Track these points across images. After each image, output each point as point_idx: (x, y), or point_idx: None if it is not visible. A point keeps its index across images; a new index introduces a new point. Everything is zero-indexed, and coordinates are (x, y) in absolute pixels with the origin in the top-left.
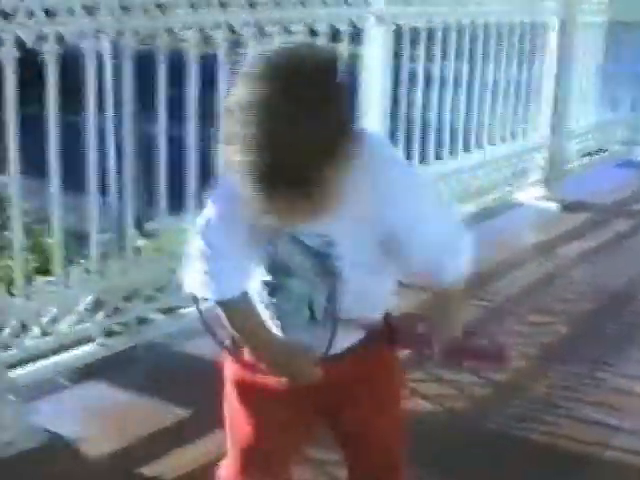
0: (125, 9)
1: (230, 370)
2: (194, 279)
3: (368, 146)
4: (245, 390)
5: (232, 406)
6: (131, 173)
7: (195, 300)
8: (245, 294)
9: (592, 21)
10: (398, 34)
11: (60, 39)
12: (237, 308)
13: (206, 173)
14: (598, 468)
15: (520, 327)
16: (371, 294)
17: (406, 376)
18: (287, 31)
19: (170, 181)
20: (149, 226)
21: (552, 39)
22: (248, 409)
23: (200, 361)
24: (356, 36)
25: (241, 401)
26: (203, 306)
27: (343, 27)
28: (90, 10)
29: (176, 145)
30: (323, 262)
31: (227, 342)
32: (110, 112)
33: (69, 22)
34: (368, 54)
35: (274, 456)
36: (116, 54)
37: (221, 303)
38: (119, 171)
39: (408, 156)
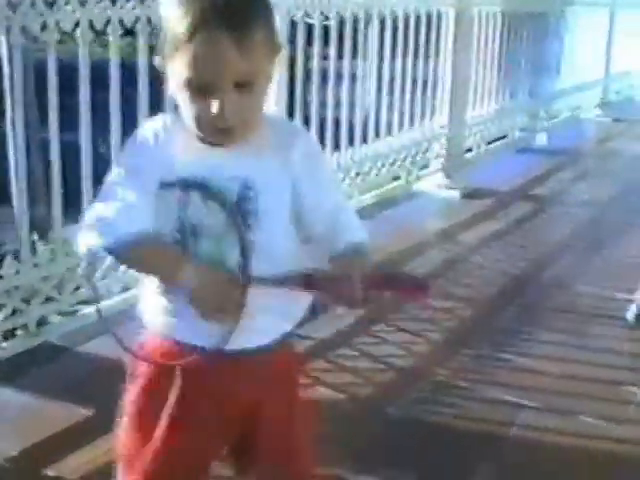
0: (12, 5)
1: (141, 372)
2: (90, 227)
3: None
4: (157, 398)
5: (137, 414)
6: (25, 178)
7: (94, 289)
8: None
9: (487, 11)
10: (293, 31)
11: None
12: (137, 247)
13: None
14: (505, 446)
15: (423, 313)
16: (283, 252)
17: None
18: None
19: (69, 187)
20: (49, 233)
21: (449, 29)
22: (158, 421)
23: (100, 361)
24: None
25: (151, 412)
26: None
27: None
28: None
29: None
30: (236, 213)
31: (126, 340)
32: (8, 115)
33: None
34: None
35: (183, 467)
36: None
37: (117, 244)
38: (16, 175)
39: None
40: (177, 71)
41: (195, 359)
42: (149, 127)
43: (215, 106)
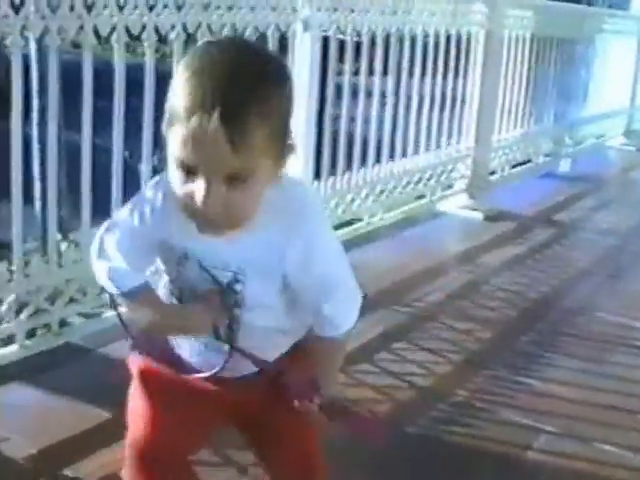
0: (51, 6)
1: (137, 364)
2: (102, 269)
3: (294, 186)
4: (151, 383)
5: (135, 400)
6: (55, 179)
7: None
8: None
9: (517, 34)
10: (325, 47)
11: None
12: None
13: (131, 184)
14: (521, 469)
15: (443, 333)
16: (269, 334)
17: None
18: (214, 35)
19: (96, 191)
20: (73, 235)
21: (478, 51)
22: (151, 402)
23: (121, 364)
24: (283, 47)
25: (146, 394)
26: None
27: (269, 32)
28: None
29: (103, 154)
30: (228, 295)
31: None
32: (36, 117)
33: None
34: (295, 63)
35: (173, 452)
36: (41, 56)
37: (123, 294)
38: (43, 178)
39: (333, 164)
40: (171, 145)
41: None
42: (154, 197)
43: (200, 192)
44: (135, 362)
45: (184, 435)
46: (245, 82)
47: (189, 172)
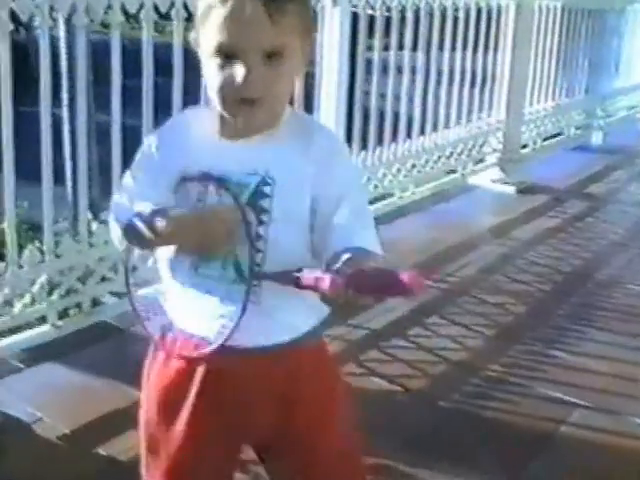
0: None
1: (168, 369)
2: (115, 214)
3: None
4: (178, 389)
5: (160, 418)
6: (85, 160)
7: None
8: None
9: (548, 6)
10: (354, 22)
11: (13, 17)
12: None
13: None
14: (554, 443)
15: (476, 307)
16: (295, 251)
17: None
18: None
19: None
20: (104, 215)
21: (508, 23)
22: (180, 418)
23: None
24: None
25: (174, 410)
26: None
27: None
28: None
29: (133, 134)
30: (246, 208)
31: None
32: (65, 98)
33: None
34: (325, 39)
35: (206, 463)
36: (70, 38)
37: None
38: (74, 159)
39: (364, 140)
40: (207, 38)
41: (212, 353)
42: (173, 122)
43: (241, 72)
44: (152, 376)
45: (219, 449)
46: None
47: (228, 58)
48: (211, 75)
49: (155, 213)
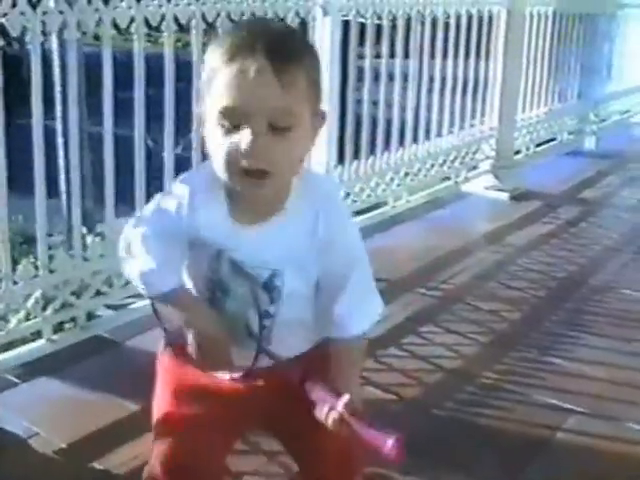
0: (69, 1)
1: (170, 365)
2: (132, 270)
3: (316, 175)
4: (185, 386)
5: (165, 408)
6: (78, 172)
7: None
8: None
9: (539, 11)
10: (345, 31)
11: (3, 33)
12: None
13: (154, 174)
14: (550, 450)
15: (471, 314)
16: (299, 328)
17: None
18: (233, 23)
19: (121, 182)
20: (99, 227)
21: (500, 30)
22: (186, 406)
23: (149, 356)
24: (303, 33)
25: (178, 398)
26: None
27: (289, 18)
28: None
29: (127, 145)
30: (259, 294)
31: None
32: (58, 110)
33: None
34: (316, 48)
35: (206, 460)
36: (63, 50)
37: (156, 297)
38: (67, 171)
39: (357, 149)
40: (212, 104)
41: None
42: (182, 192)
43: (247, 138)
44: (166, 368)
45: (214, 445)
46: (281, 32)
47: (233, 123)
48: (216, 144)
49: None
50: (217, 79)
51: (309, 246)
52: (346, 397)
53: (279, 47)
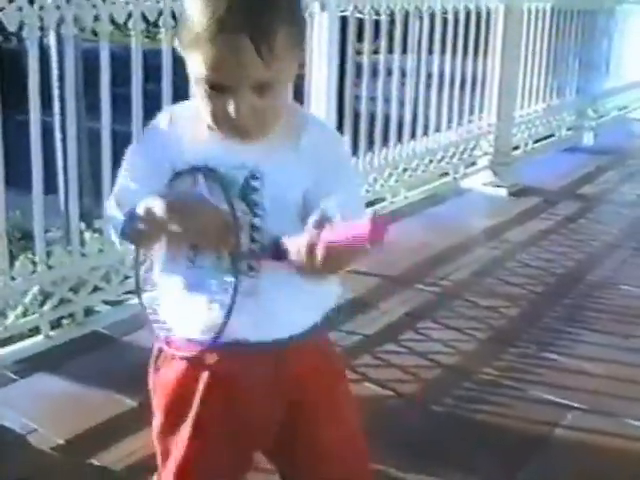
0: None
1: (173, 374)
2: (111, 199)
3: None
4: (183, 396)
5: (174, 415)
6: (76, 168)
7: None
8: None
9: (537, 7)
10: (343, 26)
11: (1, 28)
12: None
13: None
14: (548, 446)
15: (469, 311)
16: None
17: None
18: None
19: (115, 176)
20: (97, 223)
21: (498, 25)
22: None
23: (147, 351)
24: None
25: (185, 408)
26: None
27: None
28: None
29: (125, 141)
30: (234, 199)
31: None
32: (56, 106)
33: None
34: (314, 44)
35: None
36: (61, 46)
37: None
38: (65, 167)
39: (355, 145)
40: (195, 67)
41: (212, 351)
42: (161, 118)
43: (231, 107)
44: (165, 392)
45: (224, 458)
46: None
47: (218, 88)
48: (201, 98)
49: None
50: (199, 47)
51: (289, 160)
52: (312, 220)
53: (259, 19)
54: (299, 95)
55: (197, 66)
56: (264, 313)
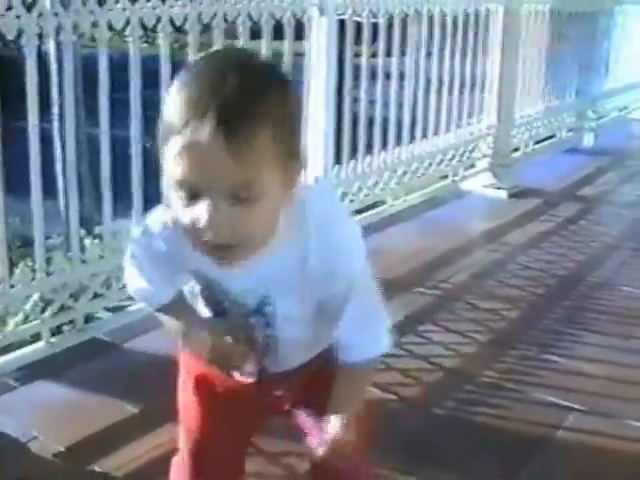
0: (64, 3)
1: (188, 361)
2: (131, 286)
3: (311, 196)
4: (203, 383)
5: (187, 398)
6: (75, 174)
7: None
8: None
9: (536, 9)
10: (342, 30)
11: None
12: (171, 309)
13: (152, 176)
14: (549, 448)
15: (470, 313)
16: (300, 344)
17: None
18: (229, 24)
19: (119, 183)
20: (97, 229)
21: (497, 28)
22: (204, 402)
23: (147, 357)
24: (299, 32)
25: (197, 393)
26: None
27: (285, 19)
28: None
29: (124, 147)
30: (258, 316)
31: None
32: (55, 113)
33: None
34: (312, 48)
35: (226, 452)
36: (60, 52)
37: (157, 310)
38: (65, 173)
39: (354, 148)
40: (167, 165)
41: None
42: (155, 233)
43: (204, 214)
44: (187, 363)
45: (239, 435)
46: (240, 83)
47: (190, 195)
48: (176, 209)
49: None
50: (171, 142)
51: (299, 272)
52: (331, 433)
53: (234, 112)
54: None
55: (169, 166)
56: (281, 364)
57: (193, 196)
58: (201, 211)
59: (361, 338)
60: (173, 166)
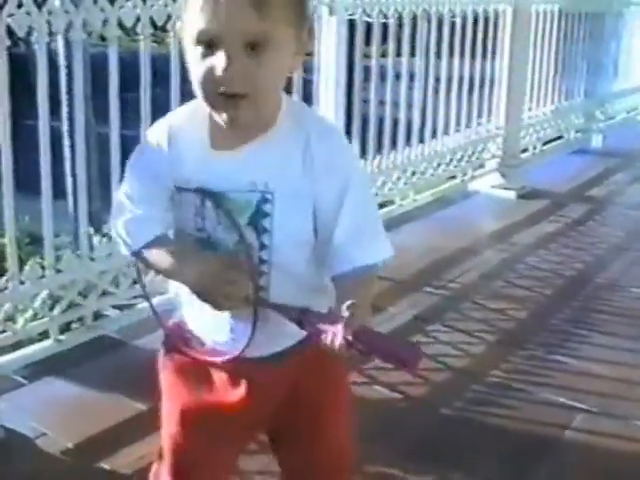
0: (75, 1)
1: (173, 381)
2: (118, 224)
3: (306, 108)
4: (191, 407)
5: (170, 403)
6: (84, 173)
7: (139, 275)
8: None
9: (545, 10)
10: (352, 30)
11: (10, 33)
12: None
13: None
14: (558, 448)
15: (478, 313)
16: (300, 271)
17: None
18: None
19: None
20: (106, 228)
21: (506, 28)
22: (188, 434)
23: (156, 355)
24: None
25: (177, 411)
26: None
27: None
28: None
29: (134, 146)
30: (246, 236)
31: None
32: (65, 111)
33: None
34: (322, 48)
35: (209, 464)
36: (70, 51)
37: (135, 254)
38: (74, 171)
39: (363, 148)
40: (188, 25)
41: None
42: (159, 135)
43: (221, 62)
44: (170, 383)
45: (216, 452)
46: None
47: (208, 47)
48: (192, 66)
49: (157, 243)
50: (191, 1)
51: (301, 168)
52: (345, 315)
53: None
54: (308, 98)
55: (189, 24)
56: (273, 334)
57: (210, 48)
58: (219, 59)
59: (358, 242)
60: (194, 21)
